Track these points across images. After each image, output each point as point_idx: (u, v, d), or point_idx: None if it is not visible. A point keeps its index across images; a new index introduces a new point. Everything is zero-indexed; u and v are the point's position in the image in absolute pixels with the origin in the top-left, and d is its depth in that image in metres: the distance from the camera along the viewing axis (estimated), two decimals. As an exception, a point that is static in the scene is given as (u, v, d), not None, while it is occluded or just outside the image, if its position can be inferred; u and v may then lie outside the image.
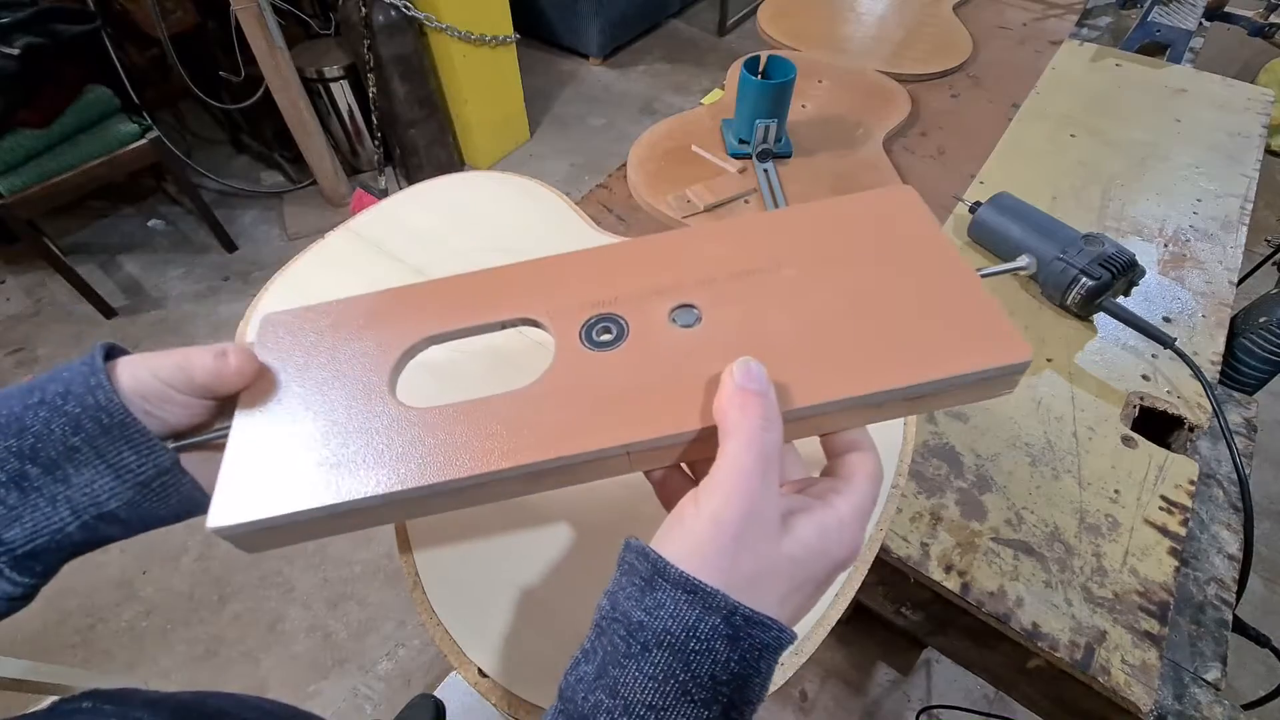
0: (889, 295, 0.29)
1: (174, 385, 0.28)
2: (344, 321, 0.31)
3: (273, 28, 1.63)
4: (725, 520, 0.22)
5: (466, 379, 0.45)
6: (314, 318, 0.31)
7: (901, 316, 0.28)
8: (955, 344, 0.27)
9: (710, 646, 0.21)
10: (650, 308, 0.29)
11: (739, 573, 0.22)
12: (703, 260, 0.31)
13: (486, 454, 0.26)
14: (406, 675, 1.22)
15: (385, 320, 0.31)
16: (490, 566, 0.40)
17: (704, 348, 0.28)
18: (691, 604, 0.21)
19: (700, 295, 0.29)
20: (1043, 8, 1.18)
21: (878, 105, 0.91)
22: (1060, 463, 0.55)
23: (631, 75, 2.66)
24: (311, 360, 0.30)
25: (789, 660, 0.36)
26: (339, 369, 0.29)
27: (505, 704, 0.36)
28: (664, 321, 0.29)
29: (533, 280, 0.31)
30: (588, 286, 0.30)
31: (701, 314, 0.29)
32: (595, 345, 0.28)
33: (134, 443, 0.27)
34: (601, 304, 0.30)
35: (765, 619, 0.21)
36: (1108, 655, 0.45)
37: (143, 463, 0.27)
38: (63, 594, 1.30)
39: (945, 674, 1.21)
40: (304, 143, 1.89)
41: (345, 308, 0.32)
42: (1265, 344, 0.68)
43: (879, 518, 0.42)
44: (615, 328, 0.29)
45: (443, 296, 0.31)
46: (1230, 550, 0.54)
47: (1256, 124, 0.89)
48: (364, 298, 0.32)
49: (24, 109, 1.45)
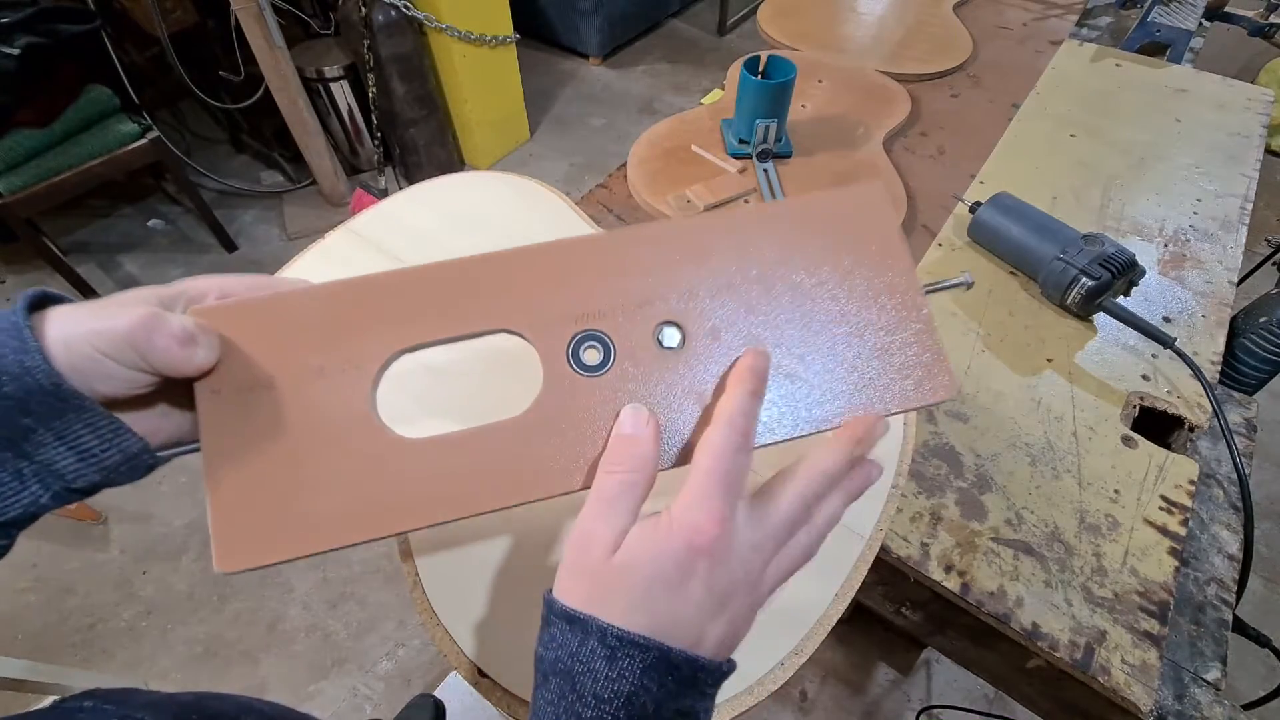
0: (840, 320, 0.30)
1: (120, 360, 0.24)
2: (302, 326, 0.27)
3: (272, 27, 1.63)
4: (570, 562, 0.25)
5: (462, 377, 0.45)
6: (262, 318, 0.27)
7: (848, 347, 0.29)
8: (891, 383, 0.29)
9: (591, 667, 0.23)
10: (635, 324, 0.29)
11: (580, 596, 0.24)
12: (683, 264, 0.29)
13: (486, 493, 0.26)
14: (406, 675, 1.22)
15: (350, 328, 0.27)
16: (490, 567, 0.40)
17: (688, 376, 0.28)
18: (573, 631, 0.23)
19: (682, 312, 0.29)
20: (1043, 8, 1.18)
21: (878, 105, 0.91)
22: (1060, 463, 0.55)
23: (631, 75, 2.66)
24: (279, 370, 0.27)
25: (789, 660, 0.36)
26: (312, 387, 0.27)
27: (505, 704, 0.36)
28: (649, 341, 0.29)
29: (507, 278, 0.29)
30: (568, 292, 0.29)
31: (686, 336, 0.29)
32: (583, 369, 0.28)
33: (95, 428, 0.24)
34: (586, 317, 0.29)
35: (638, 638, 0.22)
36: (1108, 655, 0.45)
37: (107, 448, 0.24)
38: (63, 594, 1.30)
39: (945, 674, 1.21)
40: (304, 142, 1.89)
41: (296, 308, 0.27)
42: (1265, 344, 0.68)
43: (879, 517, 0.42)
44: (602, 348, 0.28)
45: (409, 296, 0.28)
46: (1230, 550, 0.54)
47: (1256, 124, 0.89)
48: (313, 294, 0.28)
49: (24, 108, 1.45)
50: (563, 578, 0.25)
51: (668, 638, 0.23)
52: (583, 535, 0.25)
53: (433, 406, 0.43)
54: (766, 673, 0.36)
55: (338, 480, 0.26)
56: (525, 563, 0.40)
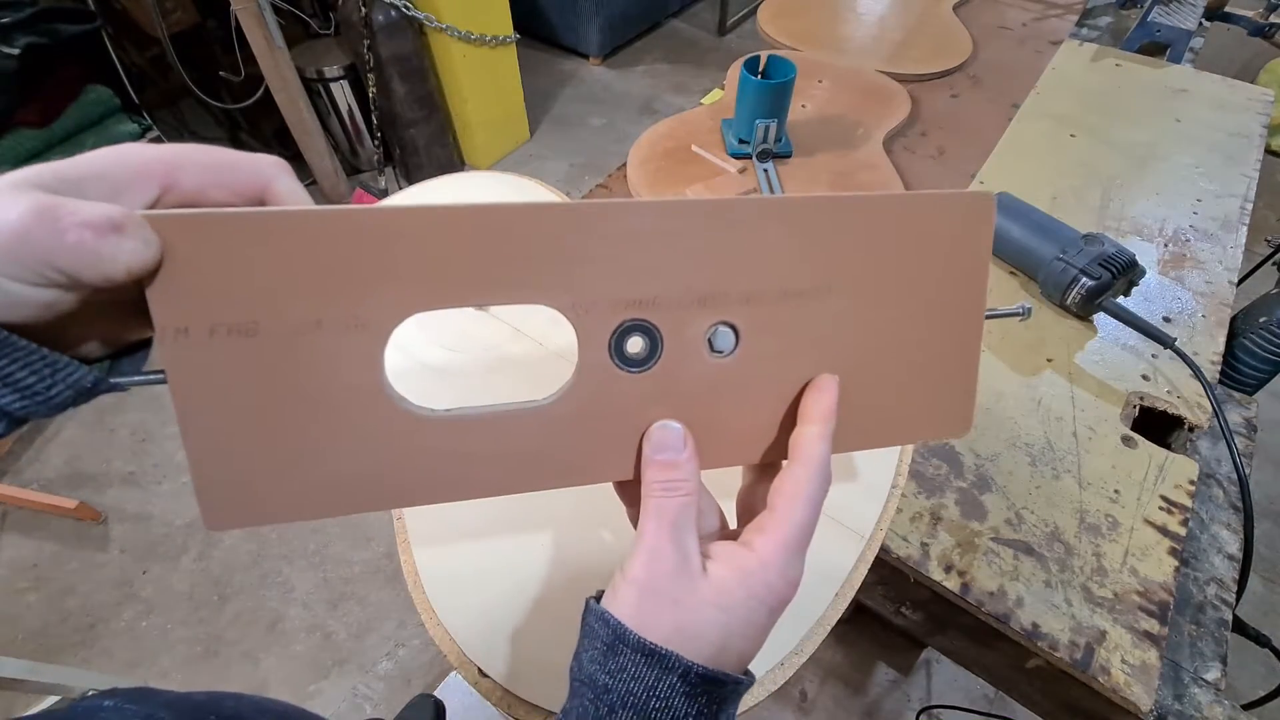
0: (904, 342, 0.27)
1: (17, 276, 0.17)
2: (298, 261, 0.21)
3: (272, 27, 1.63)
4: (645, 584, 0.24)
5: (462, 377, 0.45)
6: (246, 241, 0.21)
7: (900, 373, 0.27)
8: (917, 417, 0.28)
9: (670, 704, 0.22)
10: (688, 321, 0.25)
11: (665, 629, 0.23)
12: (752, 256, 0.25)
13: (499, 479, 0.25)
14: (406, 675, 1.22)
15: (360, 273, 0.22)
16: (490, 566, 0.40)
17: (735, 387, 0.26)
18: (650, 665, 0.22)
19: (742, 315, 0.26)
20: (1043, 8, 1.18)
21: (878, 105, 0.91)
22: (1060, 463, 0.55)
23: (631, 75, 2.66)
24: (266, 315, 0.21)
25: (789, 660, 0.36)
26: (308, 342, 0.22)
27: (505, 704, 0.36)
28: (699, 343, 0.26)
29: (555, 240, 0.24)
30: (622, 270, 0.24)
31: (740, 340, 0.26)
32: (625, 362, 0.25)
33: (30, 366, 0.18)
34: (638, 305, 0.25)
35: (719, 675, 0.23)
36: (1108, 655, 0.45)
37: (52, 385, 0.19)
38: (63, 594, 1.30)
39: (945, 674, 1.21)
40: (304, 142, 1.89)
41: (291, 237, 0.21)
42: (1265, 344, 0.68)
43: (879, 517, 0.42)
44: (648, 342, 0.25)
45: (436, 243, 0.22)
46: (1230, 550, 0.54)
47: (1256, 124, 0.89)
48: (314, 221, 0.21)
49: (24, 109, 1.45)
50: (634, 600, 0.23)
51: (734, 669, 0.24)
52: (652, 553, 0.24)
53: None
54: (766, 673, 0.36)
55: (338, 449, 0.23)
56: (525, 563, 0.40)
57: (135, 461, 1.48)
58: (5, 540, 1.36)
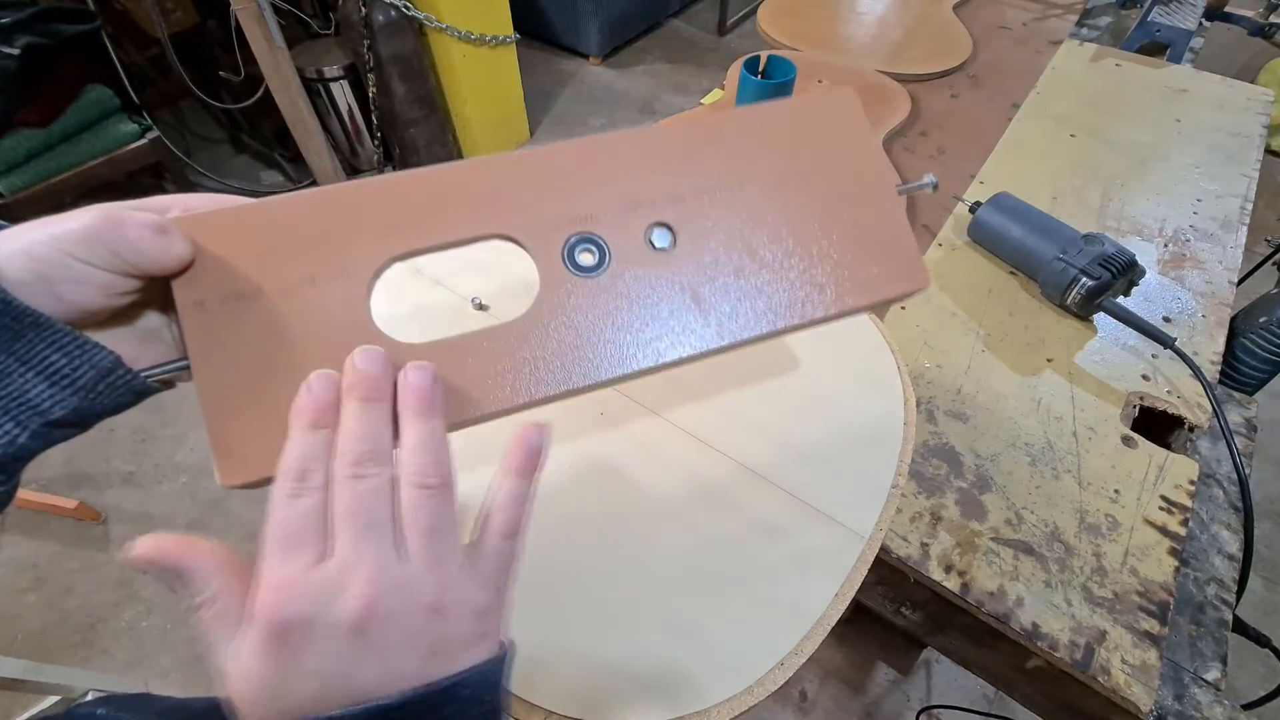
0: (819, 215, 0.31)
1: (91, 261, 0.22)
2: (287, 233, 0.27)
3: (272, 27, 1.63)
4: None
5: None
6: (244, 226, 0.26)
7: (827, 241, 0.31)
8: (870, 276, 0.31)
9: None
10: (627, 226, 0.30)
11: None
12: (663, 167, 0.31)
13: (486, 396, 0.27)
14: (406, 675, 1.22)
15: (340, 234, 0.27)
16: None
17: (681, 273, 0.30)
18: None
19: (673, 213, 0.30)
20: (1043, 8, 1.18)
21: (878, 105, 0.91)
22: (1060, 463, 0.55)
23: (631, 75, 2.66)
24: (266, 279, 0.26)
25: (789, 660, 0.36)
26: (304, 296, 0.26)
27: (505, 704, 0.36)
28: (641, 242, 0.30)
29: (499, 183, 0.29)
30: (560, 196, 0.29)
31: (676, 234, 0.30)
32: (580, 270, 0.29)
33: (59, 345, 0.22)
34: (578, 220, 0.29)
35: None
36: (1108, 655, 0.45)
37: (77, 365, 0.22)
38: (62, 594, 1.30)
39: (945, 674, 1.21)
40: (304, 142, 1.89)
41: (278, 215, 0.27)
42: (1265, 344, 0.68)
43: (879, 517, 0.42)
44: (596, 250, 0.29)
45: (401, 202, 0.28)
46: (1230, 550, 0.54)
47: (1256, 124, 0.89)
48: (296, 201, 0.27)
49: (24, 109, 1.46)
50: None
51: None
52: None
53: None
54: (766, 673, 0.36)
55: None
56: (523, 562, 0.40)
57: (135, 461, 1.48)
58: (5, 540, 1.36)
